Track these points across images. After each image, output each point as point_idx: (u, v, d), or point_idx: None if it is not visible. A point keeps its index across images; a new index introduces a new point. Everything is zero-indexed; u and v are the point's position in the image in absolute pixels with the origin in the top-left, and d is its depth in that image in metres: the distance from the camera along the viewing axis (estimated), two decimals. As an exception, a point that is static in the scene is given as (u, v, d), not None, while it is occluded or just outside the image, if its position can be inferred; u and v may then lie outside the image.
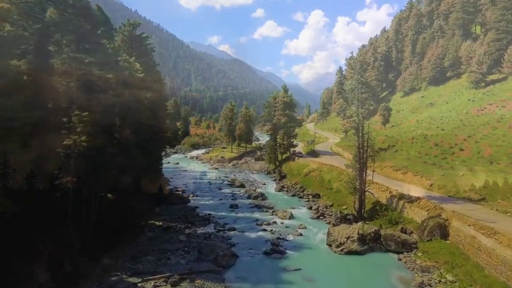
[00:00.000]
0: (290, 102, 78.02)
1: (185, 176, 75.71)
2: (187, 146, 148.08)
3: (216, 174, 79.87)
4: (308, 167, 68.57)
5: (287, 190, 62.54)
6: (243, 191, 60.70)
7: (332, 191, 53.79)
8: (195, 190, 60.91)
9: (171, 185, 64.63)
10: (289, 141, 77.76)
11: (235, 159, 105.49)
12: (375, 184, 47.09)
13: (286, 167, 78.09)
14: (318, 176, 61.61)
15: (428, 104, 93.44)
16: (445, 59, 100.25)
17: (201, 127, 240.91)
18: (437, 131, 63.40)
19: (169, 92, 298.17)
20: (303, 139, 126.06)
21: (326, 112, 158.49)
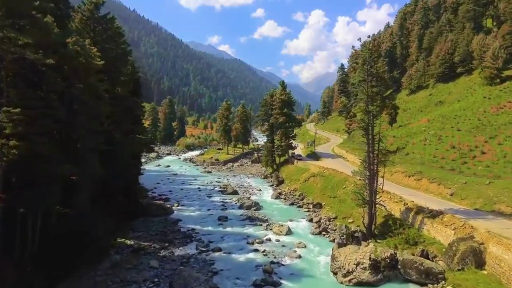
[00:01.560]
0: (289, 100, 71.42)
1: (173, 181, 69.11)
2: (182, 147, 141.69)
3: (208, 179, 73.25)
4: (308, 171, 61.97)
5: (285, 198, 55.95)
6: (235, 199, 54.08)
7: (336, 200, 47.17)
8: (181, 198, 54.31)
9: (155, 192, 58.12)
10: (287, 142, 71.18)
11: (230, 162, 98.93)
12: (385, 193, 40.45)
13: (284, 171, 71.49)
14: (320, 182, 55.00)
15: (438, 102, 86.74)
16: (455, 54, 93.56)
17: (198, 127, 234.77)
18: (453, 131, 56.78)
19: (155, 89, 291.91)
20: (303, 139, 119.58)
21: (327, 112, 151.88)
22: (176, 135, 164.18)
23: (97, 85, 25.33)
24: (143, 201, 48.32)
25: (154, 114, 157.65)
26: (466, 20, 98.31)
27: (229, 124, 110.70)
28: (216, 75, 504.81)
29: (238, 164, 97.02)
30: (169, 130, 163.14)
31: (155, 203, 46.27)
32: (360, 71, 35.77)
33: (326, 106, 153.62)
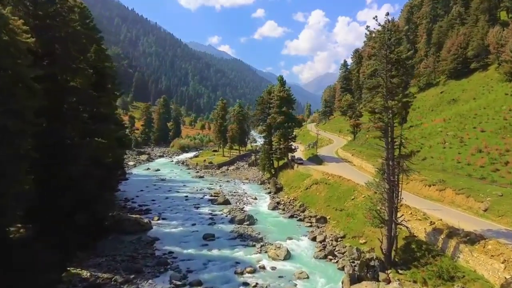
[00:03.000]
0: (288, 97, 64.24)
1: (159, 188, 61.97)
2: (176, 149, 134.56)
3: (199, 185, 66.08)
4: (310, 178, 54.83)
5: (284, 209, 48.82)
6: (226, 210, 46.92)
7: (343, 214, 40.01)
8: (164, 210, 47.22)
9: (136, 202, 51.05)
10: (286, 144, 64.00)
11: (225, 165, 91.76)
12: (404, 207, 33.32)
13: (283, 177, 64.34)
14: (324, 191, 47.85)
15: (450, 100, 79.45)
16: (469, 48, 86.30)
17: (195, 127, 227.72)
18: (475, 132, 49.66)
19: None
20: (304, 141, 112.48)
21: (329, 111, 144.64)
22: (171, 136, 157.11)
23: (21, 69, 18.24)
24: (117, 214, 41.31)
25: (148, 114, 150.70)
26: (480, 12, 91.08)
27: (224, 125, 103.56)
28: (216, 75, 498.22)
29: (233, 167, 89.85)
30: (164, 130, 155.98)
31: (130, 217, 39.12)
32: (377, 57, 28.66)
33: (327, 105, 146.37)
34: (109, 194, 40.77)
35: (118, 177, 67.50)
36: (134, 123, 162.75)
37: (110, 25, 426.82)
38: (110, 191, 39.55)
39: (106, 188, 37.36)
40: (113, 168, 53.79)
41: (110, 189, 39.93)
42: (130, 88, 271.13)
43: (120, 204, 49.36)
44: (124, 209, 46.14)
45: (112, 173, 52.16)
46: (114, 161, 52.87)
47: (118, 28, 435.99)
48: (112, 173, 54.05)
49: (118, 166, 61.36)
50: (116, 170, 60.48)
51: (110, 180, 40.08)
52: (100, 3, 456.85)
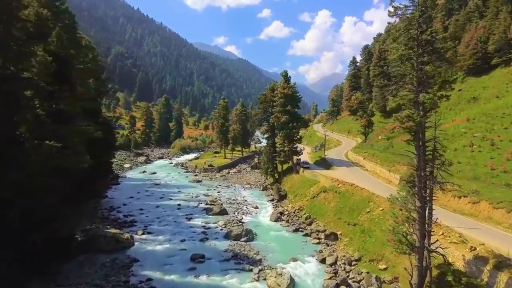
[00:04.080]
0: (293, 95, 58.26)
1: (151, 195, 56.42)
2: (177, 150, 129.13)
3: (195, 191, 60.40)
4: (318, 184, 48.87)
5: (288, 220, 42.95)
6: (221, 223, 41.14)
7: (357, 230, 34.03)
8: (151, 221, 41.61)
9: (122, 211, 45.53)
10: (291, 146, 58.03)
11: (226, 168, 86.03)
12: (435, 225, 27.21)
13: (287, 182, 58.41)
14: (333, 201, 41.85)
15: (471, 98, 72.96)
16: (489, 42, 79.59)
17: (199, 128, 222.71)
18: (508, 134, 43.35)
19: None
20: (310, 142, 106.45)
21: (337, 111, 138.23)
22: (173, 137, 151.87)
23: None
24: (94, 228, 35.87)
25: (148, 113, 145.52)
26: (501, 4, 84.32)
27: (226, 125, 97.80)
28: (221, 75, 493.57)
29: (235, 170, 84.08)
30: (165, 131, 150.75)
31: (107, 233, 33.51)
32: (404, 40, 22.68)
33: (335, 105, 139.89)
34: (80, 207, 35.30)
35: (107, 183, 62.46)
36: (135, 123, 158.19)
37: (115, 25, 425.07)
38: (79, 204, 33.92)
39: (74, 201, 31.74)
40: (96, 175, 48.65)
41: (78, 202, 34.26)
42: (134, 88, 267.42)
43: (103, 214, 43.92)
44: (106, 221, 40.63)
45: (94, 180, 46.96)
46: (96, 166, 47.68)
47: (123, 28, 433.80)
48: (96, 180, 48.88)
49: (106, 170, 56.23)
50: (103, 175, 55.33)
51: (79, 192, 34.48)
52: (104, 2, 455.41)
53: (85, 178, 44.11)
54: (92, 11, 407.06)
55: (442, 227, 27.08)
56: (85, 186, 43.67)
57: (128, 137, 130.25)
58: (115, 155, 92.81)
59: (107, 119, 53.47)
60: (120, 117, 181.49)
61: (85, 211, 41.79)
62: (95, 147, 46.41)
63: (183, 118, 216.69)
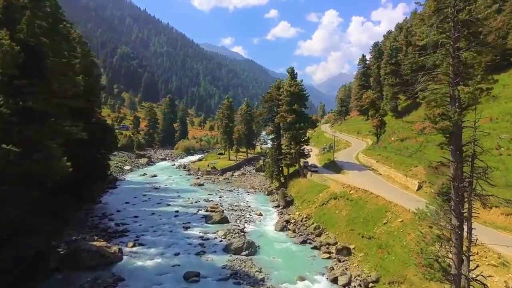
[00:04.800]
0: (300, 93, 54.31)
1: (148, 200, 52.93)
2: (180, 151, 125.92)
3: (196, 195, 56.77)
4: (327, 190, 44.86)
5: (294, 230, 39.04)
6: (221, 233, 37.39)
7: (373, 245, 30.02)
8: (145, 231, 38.04)
9: (114, 219, 42.06)
10: (298, 148, 54.07)
11: (230, 170, 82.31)
12: (476, 247, 23.13)
13: (294, 187, 54.45)
14: (345, 210, 37.84)
15: (490, 97, 68.13)
16: (508, 38, 74.69)
17: (204, 128, 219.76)
18: (540, 135, 38.95)
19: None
20: (318, 143, 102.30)
21: (345, 111, 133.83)
22: (177, 137, 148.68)
23: None
24: (78, 241, 32.41)
25: (152, 114, 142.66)
26: (521, -3, 79.39)
27: (230, 125, 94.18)
28: (227, 75, 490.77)
29: (239, 173, 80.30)
30: (169, 131, 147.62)
31: (92, 246, 29.96)
32: (435, 22, 18.71)
33: (343, 104, 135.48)
34: (65, 216, 31.89)
35: (103, 187, 59.18)
36: (139, 124, 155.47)
37: (121, 25, 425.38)
38: (62, 213, 30.44)
39: (57, 210, 28.31)
40: (89, 179, 45.37)
41: (62, 210, 30.80)
42: (139, 88, 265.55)
43: (94, 221, 40.48)
44: (94, 230, 37.14)
45: (86, 185, 43.75)
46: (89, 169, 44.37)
47: (130, 28, 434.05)
48: (89, 184, 45.61)
49: (100, 174, 52.92)
50: (98, 179, 52.02)
51: (65, 199, 31.08)
52: (111, 3, 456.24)
53: (75, 183, 40.96)
54: (99, 12, 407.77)
55: (476, 245, 22.97)
56: (75, 192, 40.50)
57: (130, 138, 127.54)
58: (110, 157, 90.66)
59: (102, 119, 50.03)
60: (124, 117, 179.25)
61: (72, 220, 38.47)
62: (86, 149, 43.28)
63: (188, 119, 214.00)
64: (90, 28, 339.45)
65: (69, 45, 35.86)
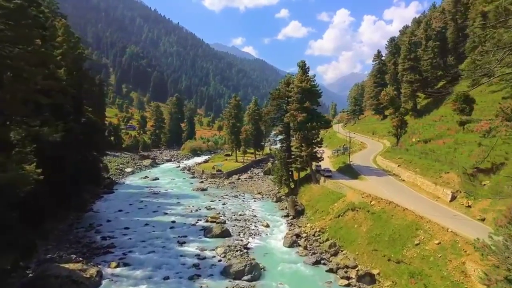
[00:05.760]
0: (312, 89, 48.75)
1: (145, 207, 48.11)
2: (187, 152, 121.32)
3: (197, 202, 51.76)
4: (344, 199, 39.30)
5: (306, 246, 33.64)
6: (221, 250, 32.23)
7: (403, 271, 24.43)
8: (133, 246, 33.17)
9: (102, 231, 37.30)
10: (310, 151, 48.58)
11: (236, 173, 77.19)
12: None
13: (306, 194, 48.97)
14: (366, 224, 32.28)
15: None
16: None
17: (213, 128, 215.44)
18: None
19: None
20: (330, 144, 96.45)
21: (359, 110, 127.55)
22: (184, 138, 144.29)
23: None
24: (44, 262, 27.60)
25: (158, 113, 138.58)
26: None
27: (238, 125, 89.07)
28: (237, 75, 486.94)
29: (246, 176, 75.09)
30: (176, 131, 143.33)
31: (62, 270, 25.07)
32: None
33: (357, 103, 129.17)
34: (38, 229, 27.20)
35: (97, 192, 54.77)
36: (145, 124, 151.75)
37: (131, 25, 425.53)
38: (29, 228, 25.61)
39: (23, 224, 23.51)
40: (76, 185, 40.97)
41: (29, 225, 25.98)
42: (148, 88, 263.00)
43: (78, 234, 35.78)
44: (76, 245, 32.38)
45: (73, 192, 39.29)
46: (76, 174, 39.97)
47: (140, 28, 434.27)
48: (76, 191, 41.16)
49: (91, 178, 48.45)
50: (88, 184, 47.56)
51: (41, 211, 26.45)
52: (122, 3, 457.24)
53: (60, 190, 36.54)
54: (109, 12, 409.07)
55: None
56: (60, 199, 36.11)
57: (136, 139, 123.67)
58: (112, 159, 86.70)
59: (93, 119, 45.48)
60: (131, 117, 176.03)
61: (53, 232, 33.93)
62: (72, 151, 38.75)
63: (197, 119, 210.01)
64: (100, 28, 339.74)
65: (46, 32, 31.25)
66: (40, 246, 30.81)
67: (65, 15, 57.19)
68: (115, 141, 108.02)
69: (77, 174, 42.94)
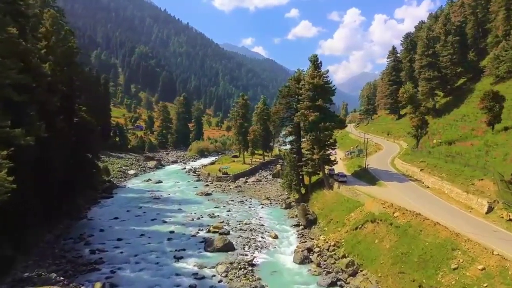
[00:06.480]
0: (325, 86, 44.36)
1: (143, 214, 44.49)
2: (194, 153, 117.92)
3: (199, 209, 47.94)
4: (361, 209, 34.97)
5: (319, 263, 29.54)
6: (222, 268, 28.29)
7: (440, 304, 20.12)
8: (125, 261, 29.52)
9: (92, 242, 33.76)
10: (322, 153, 44.34)
11: (243, 176, 73.24)
12: None
13: (318, 201, 44.75)
14: (388, 240, 27.95)
15: None
16: None
17: (221, 128, 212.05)
18: None
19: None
20: (342, 145, 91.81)
21: (372, 110, 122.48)
22: (192, 138, 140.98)
23: None
24: (20, 283, 24.05)
25: (165, 113, 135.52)
26: None
27: (245, 125, 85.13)
28: (247, 75, 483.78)
29: (253, 179, 71.04)
30: (183, 132, 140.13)
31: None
32: None
33: (370, 102, 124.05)
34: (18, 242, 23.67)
35: (96, 196, 51.51)
36: (152, 124, 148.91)
37: (141, 25, 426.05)
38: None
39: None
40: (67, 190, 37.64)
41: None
42: (157, 88, 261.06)
43: (65, 247, 32.24)
44: (59, 261, 28.77)
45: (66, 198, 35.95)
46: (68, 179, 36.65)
47: (149, 28, 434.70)
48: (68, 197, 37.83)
49: (86, 183, 45.05)
50: (81, 189, 44.16)
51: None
52: (132, 4, 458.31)
53: (47, 197, 33.22)
54: (119, 12, 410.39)
55: None
56: (48, 207, 32.79)
57: (142, 139, 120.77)
58: (115, 160, 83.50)
59: (87, 118, 42.02)
60: (139, 117, 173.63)
61: (37, 244, 30.51)
62: (61, 153, 35.39)
63: (206, 119, 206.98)
64: (110, 29, 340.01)
65: (24, 21, 27.78)
66: (20, 262, 27.47)
67: (61, 9, 54.07)
68: (120, 142, 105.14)
69: (69, 179, 39.62)
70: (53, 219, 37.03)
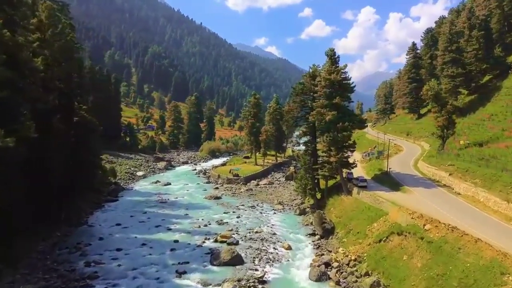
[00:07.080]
0: (343, 82, 40.62)
1: (147, 221, 41.71)
2: (205, 154, 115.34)
3: (208, 214, 44.93)
4: (385, 218, 31.27)
5: (339, 281, 26.13)
6: (229, 286, 25.11)
7: None
8: (122, 276, 26.68)
9: (89, 253, 31.12)
10: (340, 156, 40.72)
11: (255, 178, 69.97)
12: None
13: (335, 208, 41.16)
14: (419, 257, 24.26)
15: None
16: None
17: (234, 128, 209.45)
18: None
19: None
20: (359, 146, 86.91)
21: (390, 109, 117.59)
22: (203, 138, 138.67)
23: None
24: None
25: (176, 113, 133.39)
26: None
27: (257, 125, 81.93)
28: (260, 75, 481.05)
29: (265, 181, 67.73)
30: (195, 132, 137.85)
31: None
32: None
33: (387, 101, 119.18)
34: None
35: (100, 200, 49.15)
36: (164, 124, 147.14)
37: (155, 26, 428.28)
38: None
39: None
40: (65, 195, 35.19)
41: None
42: (170, 88, 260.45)
43: (58, 258, 29.54)
44: (50, 275, 26.09)
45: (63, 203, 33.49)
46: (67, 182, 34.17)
47: (163, 29, 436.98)
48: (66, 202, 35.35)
49: (87, 186, 42.61)
50: (82, 193, 41.74)
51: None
52: (146, 4, 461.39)
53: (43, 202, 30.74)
54: (133, 12, 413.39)
55: None
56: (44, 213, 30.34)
57: (152, 139, 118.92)
58: (124, 161, 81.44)
59: (88, 118, 39.48)
60: (151, 117, 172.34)
61: (29, 255, 27.95)
62: (59, 155, 32.89)
63: (218, 119, 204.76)
64: (124, 29, 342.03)
65: (10, 9, 25.18)
66: (6, 276, 24.93)
67: (66, 4, 51.82)
68: (131, 142, 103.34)
69: (69, 182, 37.23)
70: (50, 225, 34.70)
